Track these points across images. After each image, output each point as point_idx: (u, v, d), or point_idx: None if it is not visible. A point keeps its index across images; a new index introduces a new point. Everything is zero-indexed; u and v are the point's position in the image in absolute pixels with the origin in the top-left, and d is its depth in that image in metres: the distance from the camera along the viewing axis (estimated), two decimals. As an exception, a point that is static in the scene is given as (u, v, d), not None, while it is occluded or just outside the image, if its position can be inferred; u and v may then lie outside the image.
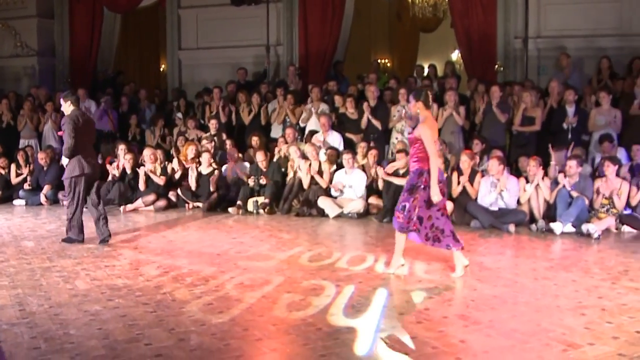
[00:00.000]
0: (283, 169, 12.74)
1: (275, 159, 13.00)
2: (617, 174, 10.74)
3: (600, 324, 5.97)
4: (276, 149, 13.46)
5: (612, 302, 6.63)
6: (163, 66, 22.32)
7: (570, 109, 12.49)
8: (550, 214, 10.64)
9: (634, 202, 10.58)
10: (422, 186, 7.33)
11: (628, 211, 10.60)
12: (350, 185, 11.72)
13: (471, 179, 11.10)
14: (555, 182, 10.81)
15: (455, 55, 20.53)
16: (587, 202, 10.43)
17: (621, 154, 11.84)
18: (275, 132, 14.49)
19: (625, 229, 10.50)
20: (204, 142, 13.77)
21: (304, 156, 12.27)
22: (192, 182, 12.73)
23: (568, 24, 15.09)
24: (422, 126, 7.39)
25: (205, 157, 12.80)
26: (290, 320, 5.92)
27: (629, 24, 14.82)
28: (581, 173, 10.79)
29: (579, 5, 14.96)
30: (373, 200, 11.80)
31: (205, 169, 12.77)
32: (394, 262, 7.67)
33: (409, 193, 7.41)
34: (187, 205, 12.64)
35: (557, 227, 10.20)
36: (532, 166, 10.85)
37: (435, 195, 7.24)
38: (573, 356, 5.18)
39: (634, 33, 14.67)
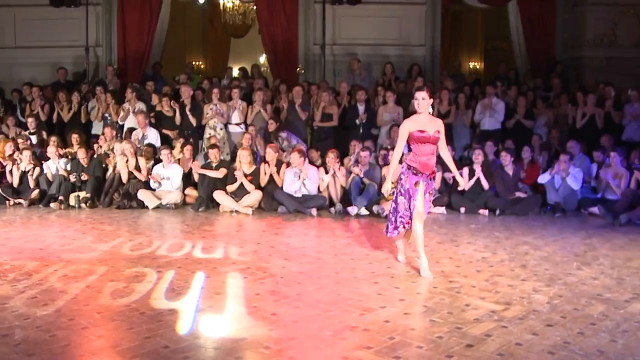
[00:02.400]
0: (103, 165, 12.30)
1: (95, 155, 12.53)
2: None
3: (390, 289, 6.33)
4: (95, 146, 13.00)
5: (398, 270, 7.06)
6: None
7: (361, 107, 12.96)
8: (347, 198, 11.00)
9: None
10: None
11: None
12: (168, 177, 11.55)
13: (278, 170, 11.26)
14: (349, 171, 11.20)
15: (263, 59, 20.72)
16: (376, 187, 10.89)
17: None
18: (96, 129, 13.95)
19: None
20: (20, 140, 12.99)
21: (123, 152, 11.91)
22: (12, 178, 12.00)
23: (359, 34, 15.73)
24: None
25: (26, 154, 12.10)
26: (114, 307, 5.73)
27: (408, 36, 15.77)
28: (371, 162, 11.27)
29: (368, 19, 15.66)
30: (189, 191, 11.69)
31: (25, 166, 12.07)
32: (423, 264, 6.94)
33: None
34: (7, 202, 11.85)
35: (352, 209, 10.61)
36: (330, 157, 11.16)
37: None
38: (368, 318, 5.45)
39: (411, 44, 15.69)
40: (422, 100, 6.75)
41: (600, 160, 11.83)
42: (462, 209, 11.08)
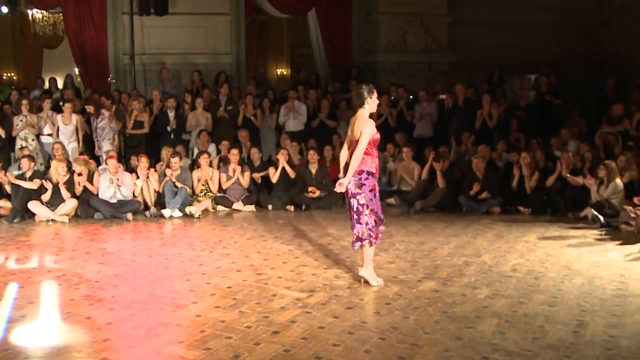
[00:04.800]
0: None
1: None
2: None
3: (201, 285, 6.36)
4: None
5: (210, 267, 7.10)
6: None
7: (171, 114, 12.86)
8: (161, 201, 10.86)
9: (224, 186, 11.29)
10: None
11: (221, 194, 11.32)
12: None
13: (90, 179, 10.87)
14: (163, 175, 11.06)
15: (77, 69, 19.88)
16: (189, 189, 10.87)
17: (212, 148, 12.52)
18: None
19: (220, 208, 11.20)
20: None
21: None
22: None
23: (167, 44, 15.48)
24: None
25: None
26: None
27: (214, 45, 15.83)
28: (182, 166, 11.20)
29: (176, 29, 15.44)
30: (2, 203, 10.97)
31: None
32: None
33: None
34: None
35: (166, 212, 10.48)
36: (142, 163, 10.97)
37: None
38: (180, 314, 5.46)
39: (218, 52, 15.76)
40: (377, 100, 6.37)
41: (394, 156, 12.52)
42: (270, 207, 11.28)
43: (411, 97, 14.52)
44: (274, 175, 11.59)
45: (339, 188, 6.21)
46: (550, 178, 10.81)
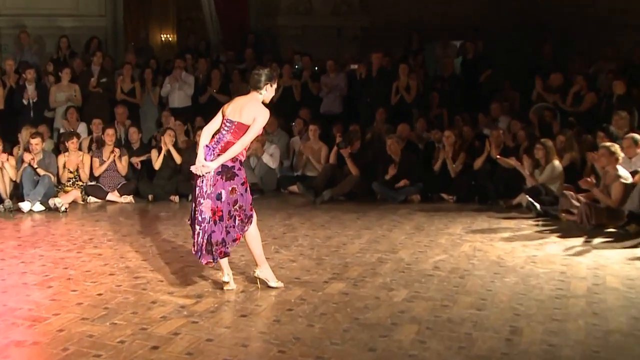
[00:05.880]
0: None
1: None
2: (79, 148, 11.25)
3: (66, 293, 6.15)
4: None
5: (77, 271, 6.91)
6: None
7: (31, 87, 12.55)
8: (19, 192, 10.49)
9: (97, 173, 11.11)
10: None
11: (92, 183, 11.13)
12: None
13: None
14: (21, 160, 10.67)
15: None
16: (53, 178, 10.58)
17: (82, 127, 12.27)
18: None
19: (91, 199, 11.00)
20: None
21: None
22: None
23: (29, 4, 15.09)
24: None
25: None
26: None
27: (85, 5, 15.45)
28: (45, 149, 10.88)
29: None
30: None
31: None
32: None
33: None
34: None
35: (25, 205, 10.12)
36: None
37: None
38: (39, 330, 5.25)
39: (89, 14, 15.37)
40: None
41: (301, 134, 12.50)
42: (151, 197, 11.15)
43: (316, 68, 14.50)
44: (157, 161, 11.37)
45: (202, 169, 5.95)
46: (477, 160, 11.03)
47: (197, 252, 6.09)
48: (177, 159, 11.34)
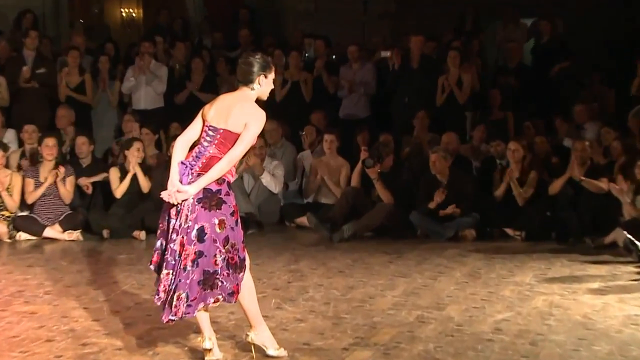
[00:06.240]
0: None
1: None
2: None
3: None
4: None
5: (0, 337, 6.79)
6: None
7: None
8: None
9: (30, 200, 11.23)
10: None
11: (24, 213, 11.29)
12: None
13: None
14: None
15: None
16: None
17: (9, 136, 12.49)
18: None
19: (22, 235, 11.10)
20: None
21: None
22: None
23: None
24: None
25: None
26: None
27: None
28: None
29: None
30: None
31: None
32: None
33: None
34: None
35: None
36: None
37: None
38: None
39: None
40: None
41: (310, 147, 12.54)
42: (106, 232, 11.22)
43: (333, 56, 14.53)
44: (119, 186, 11.39)
45: (176, 196, 5.80)
46: (555, 183, 10.99)
47: (163, 305, 5.91)
48: (145, 184, 11.33)
